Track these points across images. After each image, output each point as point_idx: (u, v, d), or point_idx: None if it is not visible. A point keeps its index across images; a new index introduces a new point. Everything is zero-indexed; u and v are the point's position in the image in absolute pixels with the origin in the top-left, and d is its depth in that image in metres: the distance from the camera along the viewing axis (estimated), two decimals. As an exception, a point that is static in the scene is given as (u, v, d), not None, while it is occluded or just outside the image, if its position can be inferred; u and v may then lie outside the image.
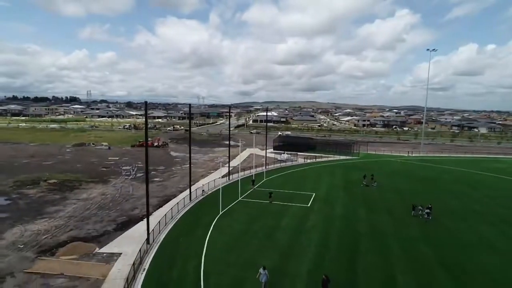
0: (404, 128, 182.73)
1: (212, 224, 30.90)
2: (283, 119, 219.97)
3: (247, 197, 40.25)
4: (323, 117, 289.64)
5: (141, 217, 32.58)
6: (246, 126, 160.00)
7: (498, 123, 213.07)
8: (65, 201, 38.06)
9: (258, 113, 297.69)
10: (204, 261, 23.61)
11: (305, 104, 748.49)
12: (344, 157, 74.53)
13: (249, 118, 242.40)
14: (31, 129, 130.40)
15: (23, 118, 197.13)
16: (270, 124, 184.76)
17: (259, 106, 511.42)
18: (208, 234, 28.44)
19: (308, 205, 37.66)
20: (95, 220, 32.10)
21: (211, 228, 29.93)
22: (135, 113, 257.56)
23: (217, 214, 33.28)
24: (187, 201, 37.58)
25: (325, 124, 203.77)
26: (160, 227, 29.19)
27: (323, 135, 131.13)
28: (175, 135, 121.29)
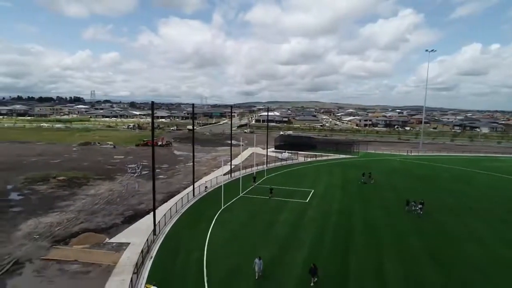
0: (406, 128, 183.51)
1: (215, 218, 32.65)
2: (286, 119, 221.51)
3: (248, 193, 41.91)
4: (326, 117, 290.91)
5: (147, 211, 34.35)
6: (249, 126, 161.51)
7: (501, 123, 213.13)
8: (74, 197, 39.97)
9: (260, 113, 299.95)
10: (206, 250, 25.38)
11: (308, 104, 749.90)
12: (344, 156, 76.03)
13: (251, 118, 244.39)
14: (37, 129, 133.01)
15: (29, 118, 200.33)
16: (272, 124, 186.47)
17: (262, 106, 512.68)
18: (210, 227, 30.19)
19: (306, 201, 39.30)
20: (104, 214, 33.98)
21: (213, 221, 31.67)
22: (138, 113, 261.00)
23: (219, 209, 35.02)
24: (190, 196, 39.33)
25: (327, 124, 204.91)
26: (166, 220, 30.97)
27: (324, 135, 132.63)
28: (178, 134, 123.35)
